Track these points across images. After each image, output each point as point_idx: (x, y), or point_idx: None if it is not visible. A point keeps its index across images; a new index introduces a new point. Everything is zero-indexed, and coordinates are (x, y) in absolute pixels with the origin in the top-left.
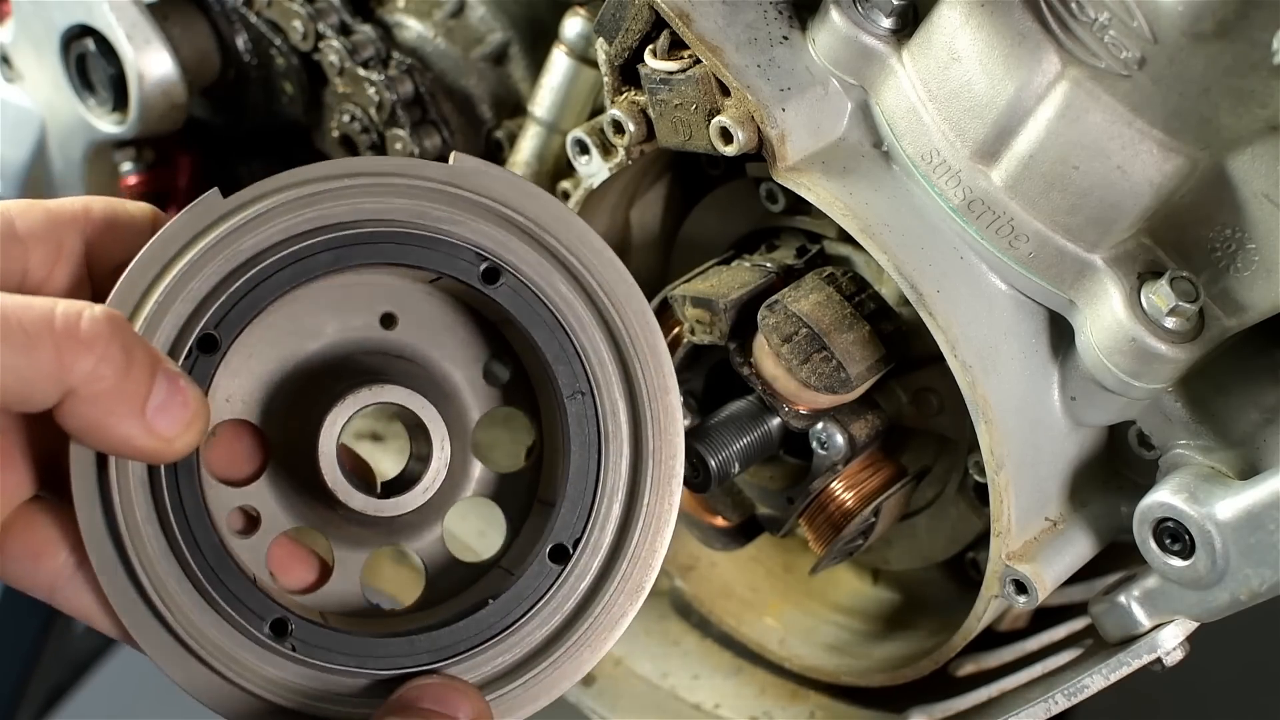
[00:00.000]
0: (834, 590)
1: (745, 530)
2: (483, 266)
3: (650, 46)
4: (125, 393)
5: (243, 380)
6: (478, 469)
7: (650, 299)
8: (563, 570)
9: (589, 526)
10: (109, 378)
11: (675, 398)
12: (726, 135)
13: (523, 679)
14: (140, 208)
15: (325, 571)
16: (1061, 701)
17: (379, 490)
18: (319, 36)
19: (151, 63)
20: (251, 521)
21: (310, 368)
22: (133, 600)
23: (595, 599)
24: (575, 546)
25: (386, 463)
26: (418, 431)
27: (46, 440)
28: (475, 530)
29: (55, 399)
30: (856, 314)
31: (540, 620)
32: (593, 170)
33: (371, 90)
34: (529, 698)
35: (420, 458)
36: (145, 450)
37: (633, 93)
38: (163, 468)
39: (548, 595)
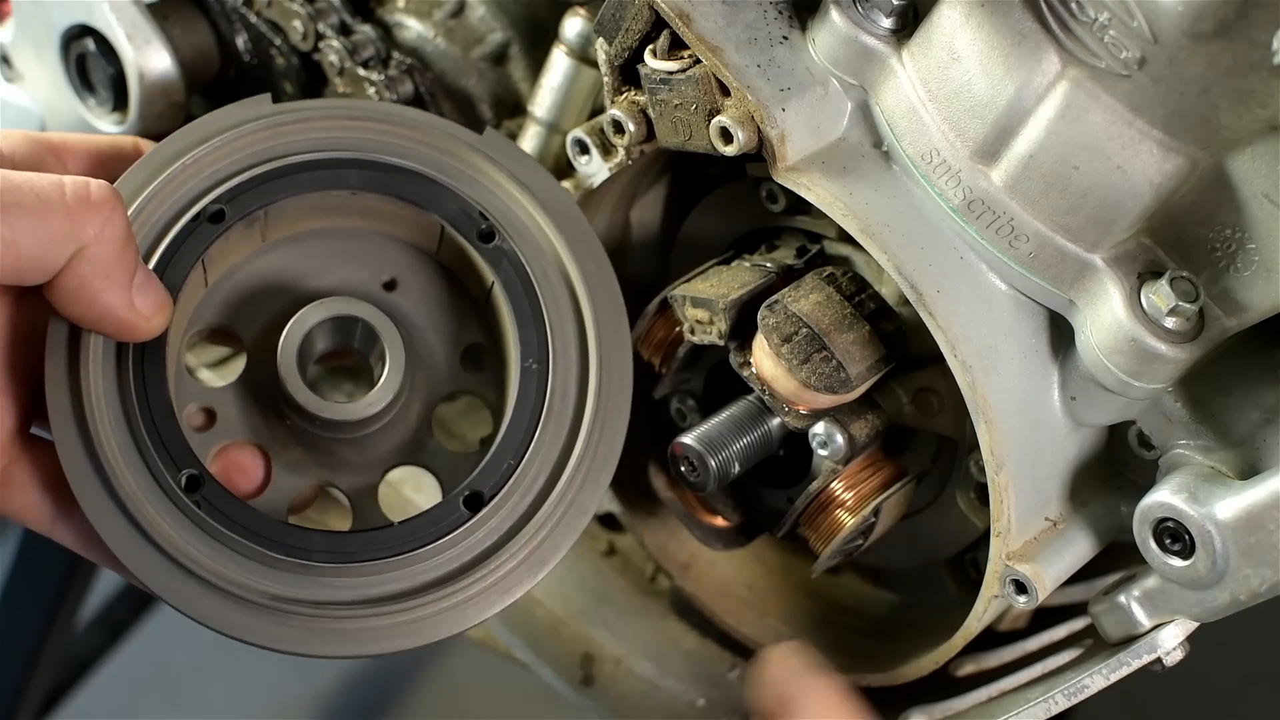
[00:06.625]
0: (834, 590)
1: (745, 530)
2: (482, 226)
3: (650, 46)
4: (122, 261)
5: (236, 280)
6: (432, 442)
7: (650, 299)
8: (473, 516)
9: (509, 484)
10: (114, 241)
11: (627, 398)
12: (726, 135)
13: (408, 607)
14: (129, 140)
15: (258, 492)
16: (1061, 701)
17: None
18: (319, 36)
19: (151, 62)
20: (208, 421)
21: (302, 298)
22: (87, 473)
23: (495, 558)
24: (490, 499)
25: None
26: (379, 358)
27: (37, 373)
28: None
29: (65, 259)
30: (856, 314)
31: (438, 556)
32: (593, 170)
33: (371, 90)
34: (413, 628)
35: (376, 381)
36: (124, 322)
37: (633, 93)
38: (131, 348)
39: (452, 535)
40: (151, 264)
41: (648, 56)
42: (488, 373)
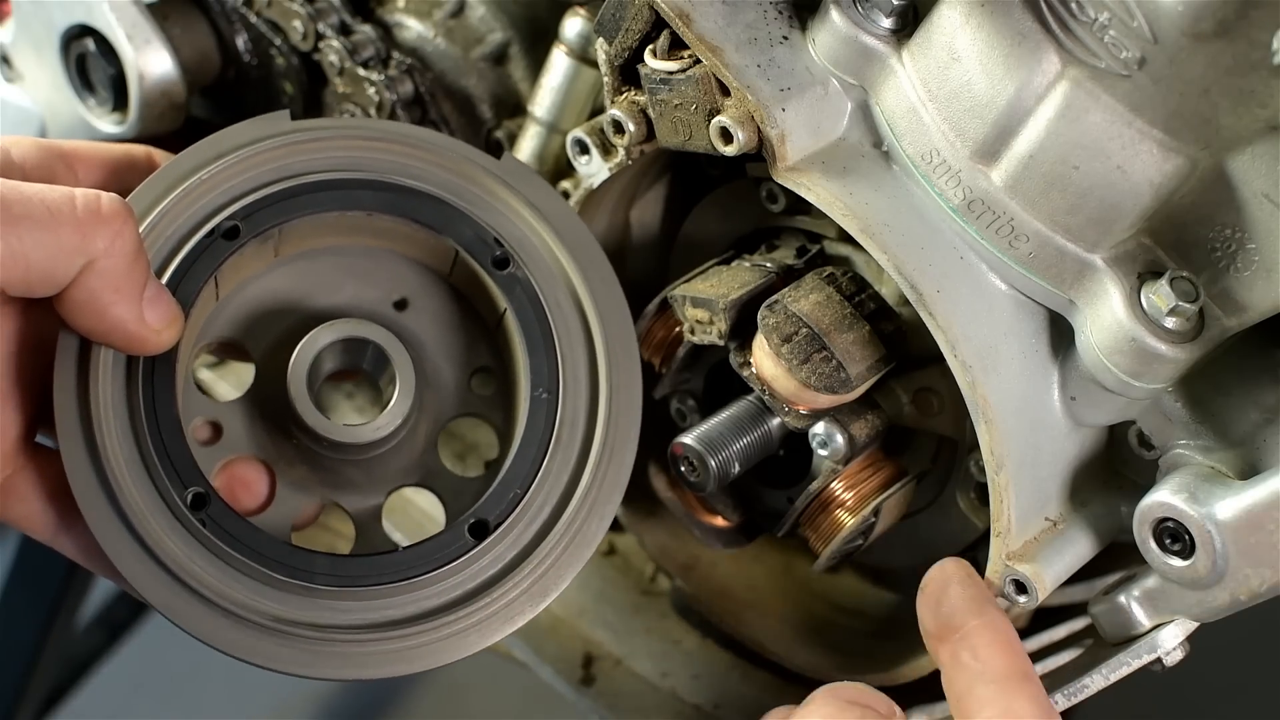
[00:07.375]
0: (834, 590)
1: (745, 530)
2: (496, 252)
3: (650, 46)
4: (132, 274)
5: (247, 295)
6: (438, 465)
7: (650, 299)
8: (477, 545)
9: (514, 514)
10: (124, 254)
11: (636, 430)
12: (726, 135)
13: (409, 633)
14: (142, 149)
15: (261, 508)
16: (1061, 701)
17: None
18: (319, 36)
19: (151, 62)
20: (215, 435)
21: (313, 315)
22: (93, 487)
23: (498, 587)
24: (495, 528)
25: None
26: (389, 381)
27: (43, 381)
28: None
29: (75, 272)
30: (856, 314)
31: (441, 583)
32: (593, 170)
33: (371, 90)
34: (413, 654)
35: (386, 403)
36: (134, 336)
37: (633, 93)
38: (141, 361)
39: (456, 563)
40: (164, 279)
41: (648, 56)
42: (496, 396)
